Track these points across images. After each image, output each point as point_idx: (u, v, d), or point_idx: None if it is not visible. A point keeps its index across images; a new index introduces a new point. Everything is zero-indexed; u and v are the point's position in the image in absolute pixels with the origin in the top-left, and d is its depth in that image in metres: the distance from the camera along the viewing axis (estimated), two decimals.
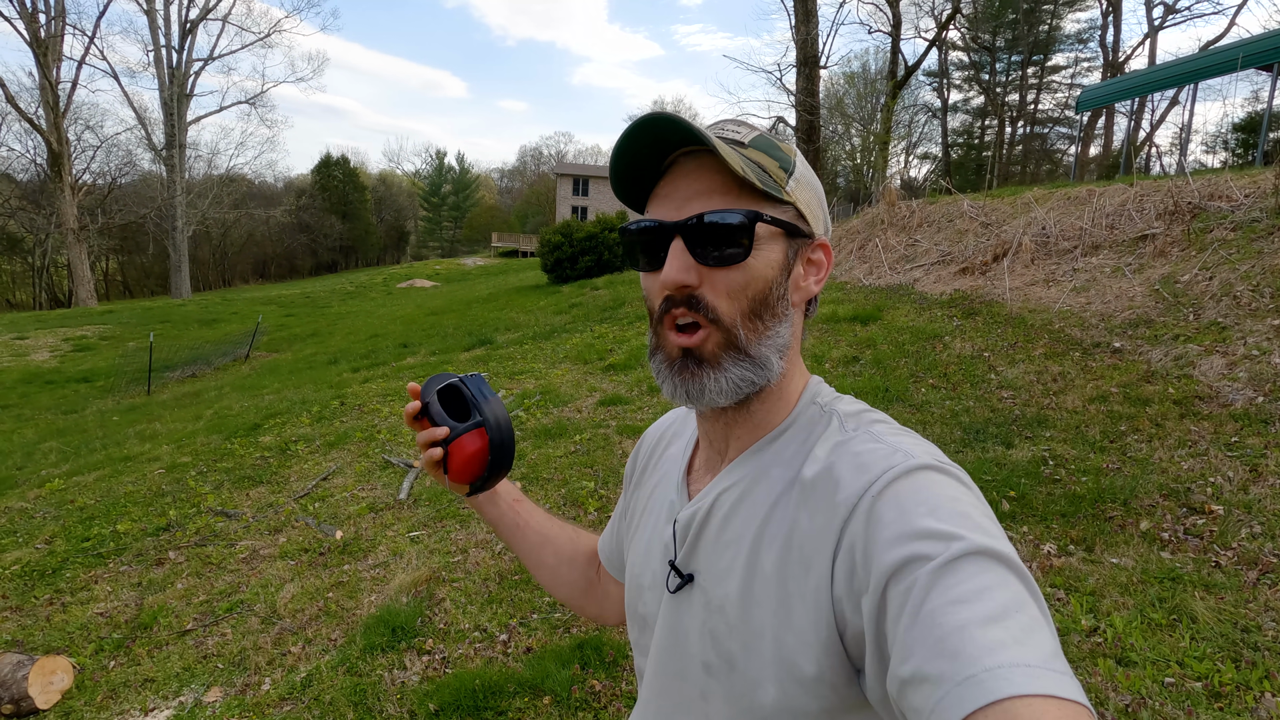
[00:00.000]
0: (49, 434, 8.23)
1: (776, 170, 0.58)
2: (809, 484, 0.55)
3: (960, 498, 0.48)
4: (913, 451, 0.52)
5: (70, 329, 17.25)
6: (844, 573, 0.49)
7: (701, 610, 0.60)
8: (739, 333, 0.57)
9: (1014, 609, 0.40)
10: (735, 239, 0.55)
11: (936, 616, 0.41)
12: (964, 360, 4.86)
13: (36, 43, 23.38)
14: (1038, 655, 0.38)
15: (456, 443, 0.71)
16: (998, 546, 0.44)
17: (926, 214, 9.82)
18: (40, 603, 3.50)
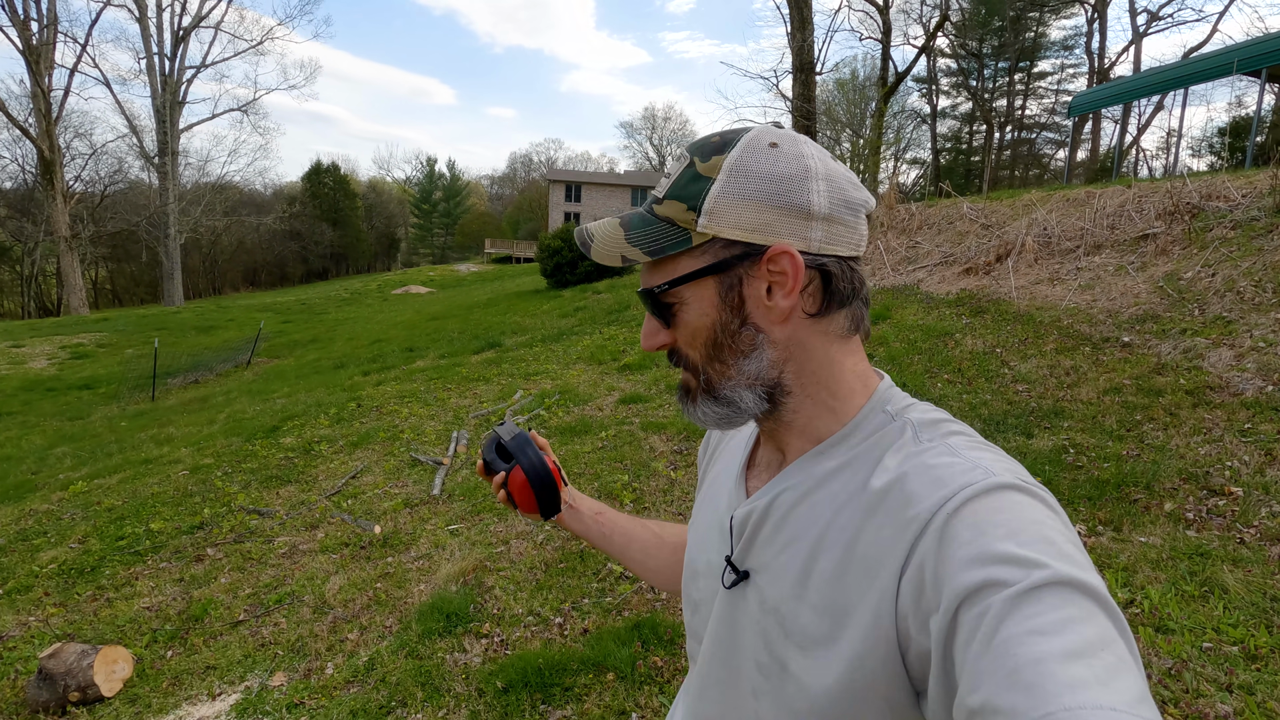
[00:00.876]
0: (58, 440, 8.22)
1: (683, 216, 0.58)
2: (877, 494, 0.53)
3: (1044, 521, 0.46)
4: (993, 469, 0.49)
5: (66, 337, 17.14)
6: (911, 590, 0.48)
7: (756, 609, 0.60)
8: (709, 375, 0.60)
9: (1099, 646, 0.38)
10: (657, 310, 0.61)
11: (1011, 646, 0.38)
12: (977, 356, 4.99)
13: (29, 50, 23.27)
14: (1124, 699, 0.35)
15: (509, 481, 0.85)
16: (1085, 578, 0.41)
17: (926, 217, 10.00)
18: (84, 599, 3.55)
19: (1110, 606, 0.41)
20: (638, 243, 0.60)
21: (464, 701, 2.30)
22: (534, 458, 0.84)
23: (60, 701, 2.59)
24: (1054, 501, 0.49)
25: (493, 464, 0.87)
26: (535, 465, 0.83)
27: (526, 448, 0.85)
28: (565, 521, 0.90)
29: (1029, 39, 31.32)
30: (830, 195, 0.56)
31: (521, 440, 0.85)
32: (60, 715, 2.58)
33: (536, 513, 0.86)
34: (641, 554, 0.91)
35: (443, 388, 6.80)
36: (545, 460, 0.84)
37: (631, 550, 0.91)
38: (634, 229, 0.60)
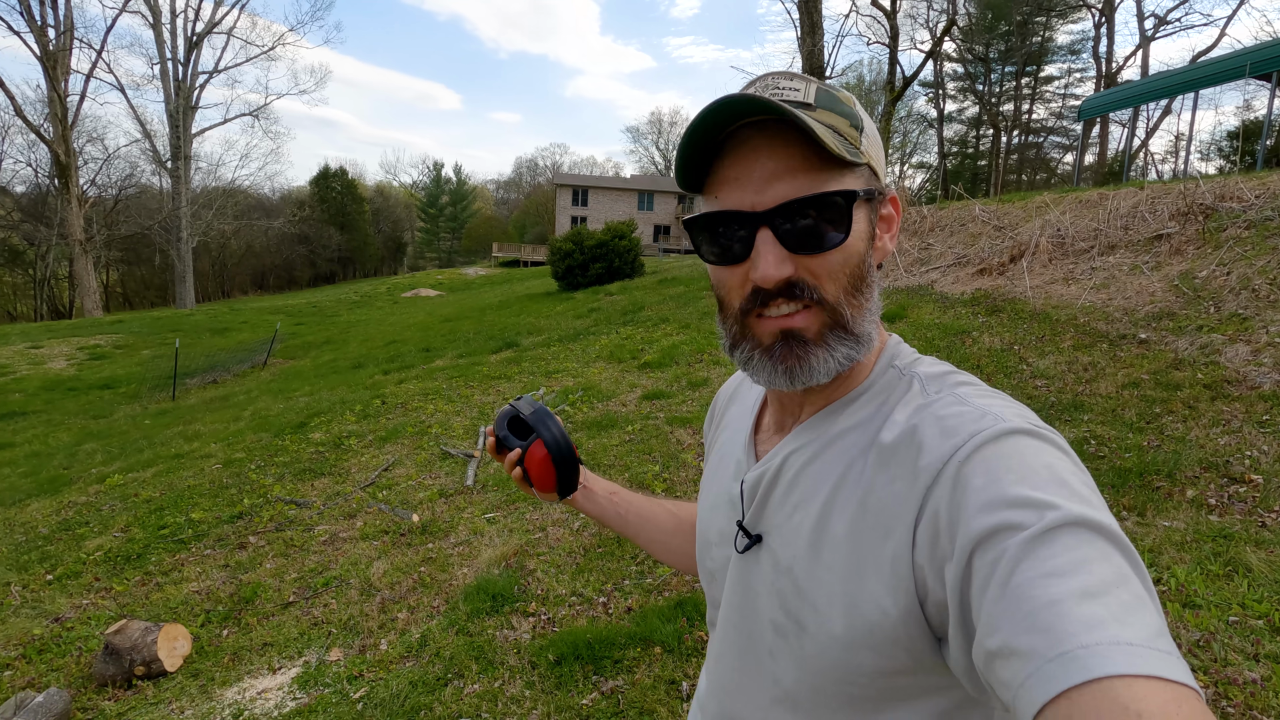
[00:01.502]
0: (84, 437, 8.36)
1: (849, 130, 0.54)
2: (888, 448, 0.52)
3: (1056, 464, 0.46)
4: (1003, 414, 0.49)
5: (83, 338, 17.35)
6: (926, 539, 0.47)
7: (770, 571, 0.59)
8: (844, 312, 0.54)
9: (1115, 584, 0.38)
10: (835, 224, 0.53)
11: (1027, 589, 0.39)
12: (995, 353, 5.08)
13: (46, 56, 23.58)
14: (1141, 634, 0.35)
15: (526, 459, 0.81)
16: (1098, 517, 0.41)
17: (938, 219, 10.10)
18: (133, 583, 3.67)
19: (1124, 544, 0.41)
20: (836, 131, 0.53)
21: (518, 673, 2.41)
22: (556, 430, 0.81)
23: (126, 675, 2.70)
24: (1065, 444, 0.48)
25: (506, 440, 0.83)
26: (558, 438, 0.80)
27: (548, 420, 0.81)
28: (579, 502, 0.88)
29: (1035, 43, 31.40)
30: None
31: (542, 413, 0.82)
32: (126, 688, 2.70)
33: (553, 491, 0.82)
34: (660, 534, 0.89)
35: (465, 385, 6.92)
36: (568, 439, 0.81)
37: (648, 530, 0.89)
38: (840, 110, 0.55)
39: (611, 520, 0.89)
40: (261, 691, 2.53)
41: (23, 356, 14.96)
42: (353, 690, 2.44)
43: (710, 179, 0.56)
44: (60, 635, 3.19)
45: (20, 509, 5.43)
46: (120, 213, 32.34)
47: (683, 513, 0.91)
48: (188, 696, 2.56)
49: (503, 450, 0.84)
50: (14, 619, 3.45)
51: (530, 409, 0.83)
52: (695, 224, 0.57)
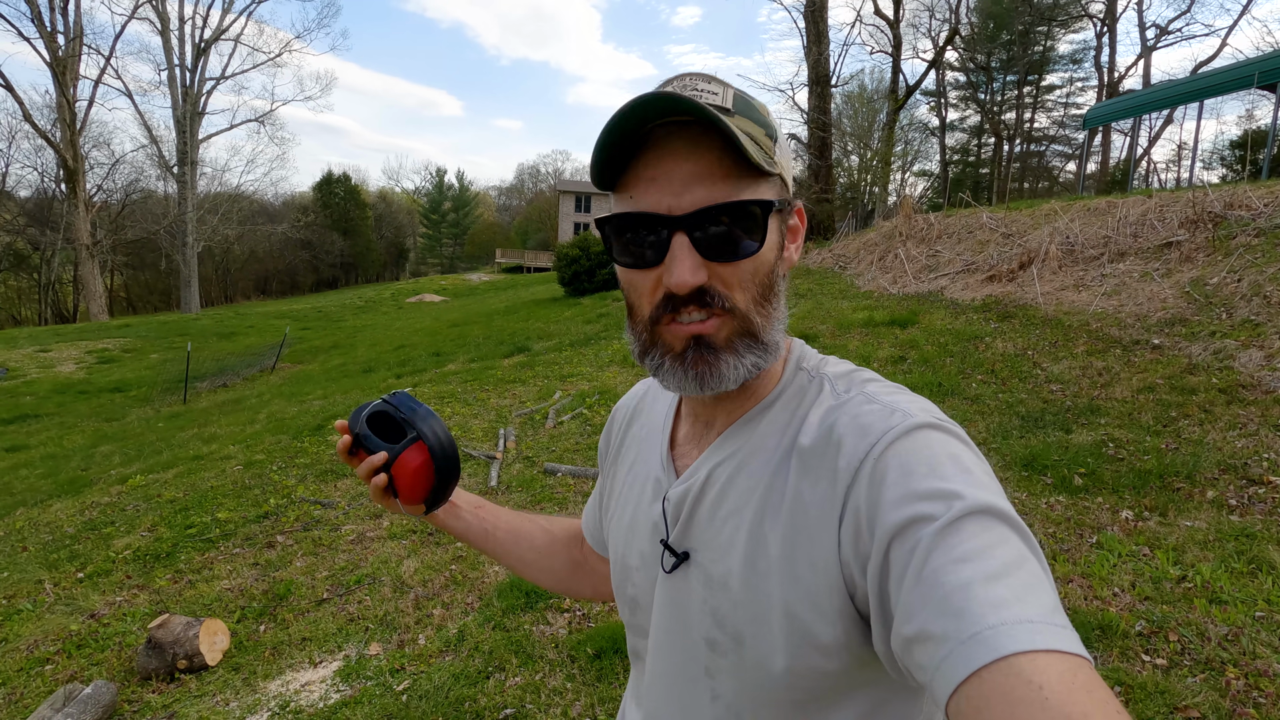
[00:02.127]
0: (98, 439, 8.42)
1: (765, 140, 0.54)
2: (807, 451, 0.54)
3: (960, 454, 0.48)
4: (910, 410, 0.51)
5: (91, 342, 17.42)
6: (850, 536, 0.49)
7: (701, 588, 0.58)
8: (754, 320, 0.55)
9: (1015, 566, 0.41)
10: (750, 233, 0.53)
11: (940, 575, 0.41)
12: (1008, 358, 5.15)
13: (55, 62, 23.76)
14: (1039, 610, 0.38)
15: (398, 464, 0.69)
16: (998, 504, 0.44)
17: (945, 226, 10.18)
18: (164, 581, 3.72)
19: (1021, 528, 0.44)
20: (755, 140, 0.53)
21: (558, 666, 2.46)
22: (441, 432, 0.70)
23: (169, 669, 2.75)
24: (965, 435, 0.51)
25: (367, 440, 0.70)
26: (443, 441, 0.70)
27: (431, 419, 0.71)
28: (440, 518, 0.80)
29: (1037, 53, 31.60)
30: None
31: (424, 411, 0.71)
32: (169, 681, 2.75)
33: (421, 503, 0.72)
34: (532, 554, 0.85)
35: (479, 389, 6.98)
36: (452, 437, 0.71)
37: (519, 549, 0.85)
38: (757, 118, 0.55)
39: (476, 538, 0.82)
40: (305, 684, 2.58)
41: (32, 360, 15.03)
42: (395, 683, 2.49)
43: (625, 176, 0.53)
44: (97, 631, 3.24)
45: (43, 509, 5.49)
46: (126, 217, 32.49)
47: (556, 529, 0.87)
48: (231, 689, 2.61)
49: (357, 452, 0.72)
50: (49, 615, 3.50)
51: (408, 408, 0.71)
52: (608, 223, 0.55)
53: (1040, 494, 3.25)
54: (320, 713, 2.38)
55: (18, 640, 3.28)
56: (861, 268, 10.60)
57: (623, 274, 0.57)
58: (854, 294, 8.80)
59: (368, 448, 0.70)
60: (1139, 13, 28.32)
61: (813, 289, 9.78)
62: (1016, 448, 3.69)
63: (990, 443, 3.86)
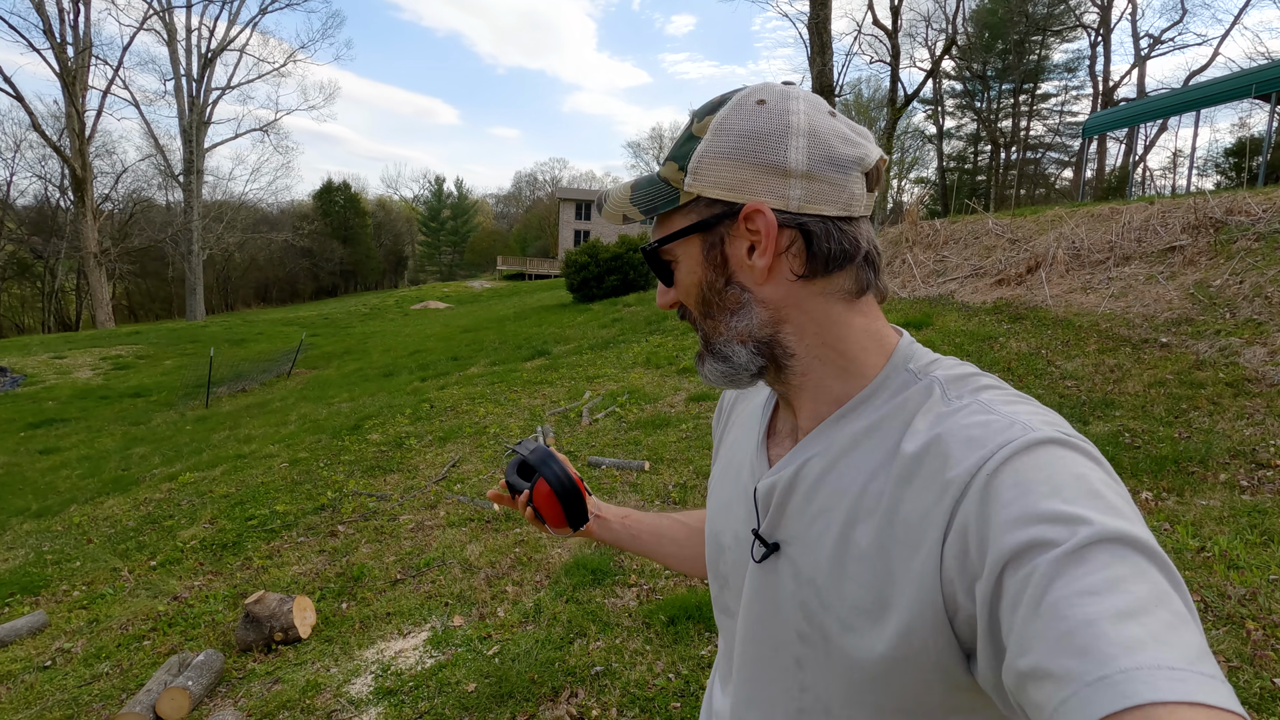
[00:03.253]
0: (129, 442, 8.62)
1: (675, 175, 0.60)
2: (912, 459, 0.52)
3: (1088, 475, 0.44)
4: (1031, 423, 0.48)
5: (103, 349, 17.60)
6: (955, 555, 0.47)
7: (791, 581, 0.59)
8: (705, 331, 0.62)
9: (1153, 603, 0.37)
10: (656, 268, 0.63)
11: (1061, 608, 0.38)
12: (1023, 356, 5.41)
13: (65, 72, 24.01)
14: (1182, 657, 0.35)
15: (534, 497, 0.84)
16: (1134, 531, 0.41)
17: (951, 232, 10.47)
18: (236, 568, 3.94)
19: (1162, 559, 0.40)
20: (637, 202, 0.62)
21: (634, 632, 2.69)
22: (557, 469, 0.85)
23: (266, 640, 2.98)
24: (1097, 453, 0.48)
25: (515, 484, 0.87)
26: (559, 476, 0.84)
27: (549, 460, 0.85)
28: (594, 531, 0.90)
29: (1032, 62, 32.12)
30: (811, 152, 0.55)
31: (543, 453, 0.86)
32: (267, 652, 2.97)
33: (565, 525, 0.86)
34: (675, 547, 0.91)
35: (508, 390, 7.22)
36: (569, 471, 0.85)
37: (664, 546, 0.91)
38: (639, 189, 0.63)
39: (627, 543, 0.91)
40: (399, 651, 2.80)
41: (49, 366, 15.21)
42: (485, 648, 2.71)
43: None
44: (184, 611, 3.46)
45: (95, 506, 5.69)
46: (132, 225, 32.70)
47: (693, 521, 0.93)
48: (330, 657, 2.83)
49: (514, 495, 0.88)
50: (133, 599, 3.72)
51: (531, 451, 0.87)
52: None
53: None
54: (421, 674, 2.61)
55: (109, 620, 3.49)
56: None
57: None
58: None
59: (516, 490, 0.87)
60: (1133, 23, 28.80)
61: None
62: None
63: None
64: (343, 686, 2.60)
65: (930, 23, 31.59)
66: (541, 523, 0.86)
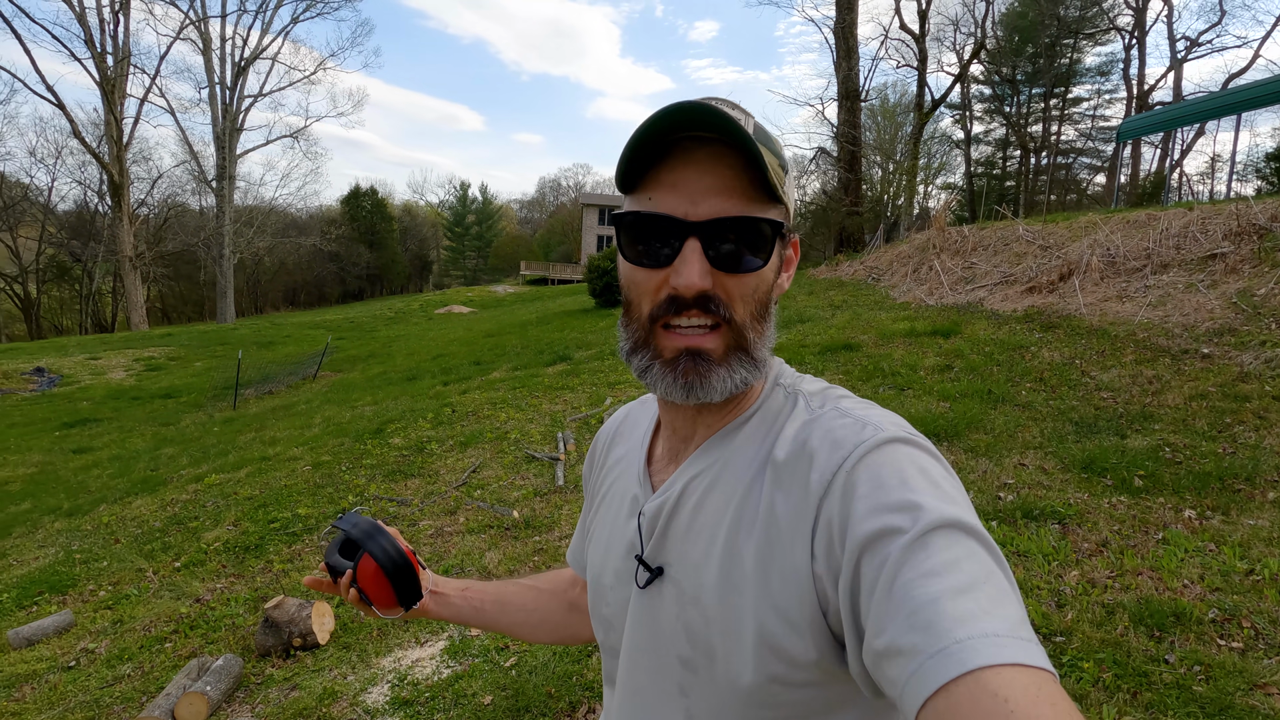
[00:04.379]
0: (159, 443, 8.77)
1: (778, 169, 0.56)
2: (782, 465, 0.55)
3: (929, 468, 0.50)
4: (881, 424, 0.53)
5: (136, 350, 18.00)
6: (823, 549, 0.50)
7: (674, 604, 0.59)
8: (748, 335, 0.57)
9: (982, 580, 0.42)
10: (759, 249, 0.55)
11: (909, 589, 0.42)
12: (1056, 367, 5.25)
13: (104, 81, 24.70)
14: (1005, 625, 0.39)
15: (359, 577, 0.75)
16: (965, 518, 0.45)
17: (979, 239, 10.27)
18: (257, 570, 3.96)
19: (988, 541, 0.46)
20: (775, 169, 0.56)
21: None
22: (385, 543, 0.76)
23: (285, 646, 2.97)
24: (934, 449, 0.53)
25: (336, 565, 0.77)
26: (387, 550, 0.75)
27: (376, 534, 0.76)
28: (429, 609, 0.82)
29: (1063, 65, 31.54)
30: None
31: (369, 526, 0.77)
32: (285, 657, 2.97)
33: (396, 605, 0.77)
34: (522, 615, 0.87)
35: (530, 395, 7.21)
36: (399, 544, 0.77)
37: (509, 615, 0.87)
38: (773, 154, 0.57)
39: (470, 617, 0.85)
40: (415, 660, 2.77)
41: (84, 367, 15.59)
42: (502, 660, 2.68)
43: (647, 179, 0.56)
44: (205, 613, 3.47)
45: (124, 505, 5.78)
46: (166, 230, 33.51)
47: (544, 584, 0.89)
48: (347, 664, 2.81)
49: (335, 579, 0.78)
50: (157, 600, 3.75)
51: (354, 525, 0.77)
52: (623, 220, 0.57)
53: (1101, 494, 3.36)
54: (437, 684, 2.58)
55: (133, 621, 3.52)
56: (895, 279, 10.71)
57: (628, 271, 0.58)
58: (891, 305, 8.92)
59: (339, 571, 0.77)
60: (1169, 25, 28.17)
61: (848, 300, 9.91)
62: (1074, 451, 3.81)
63: (1045, 446, 3.98)
64: (359, 695, 2.58)
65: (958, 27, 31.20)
66: (368, 605, 0.77)
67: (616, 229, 0.58)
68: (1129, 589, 2.58)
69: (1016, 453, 3.94)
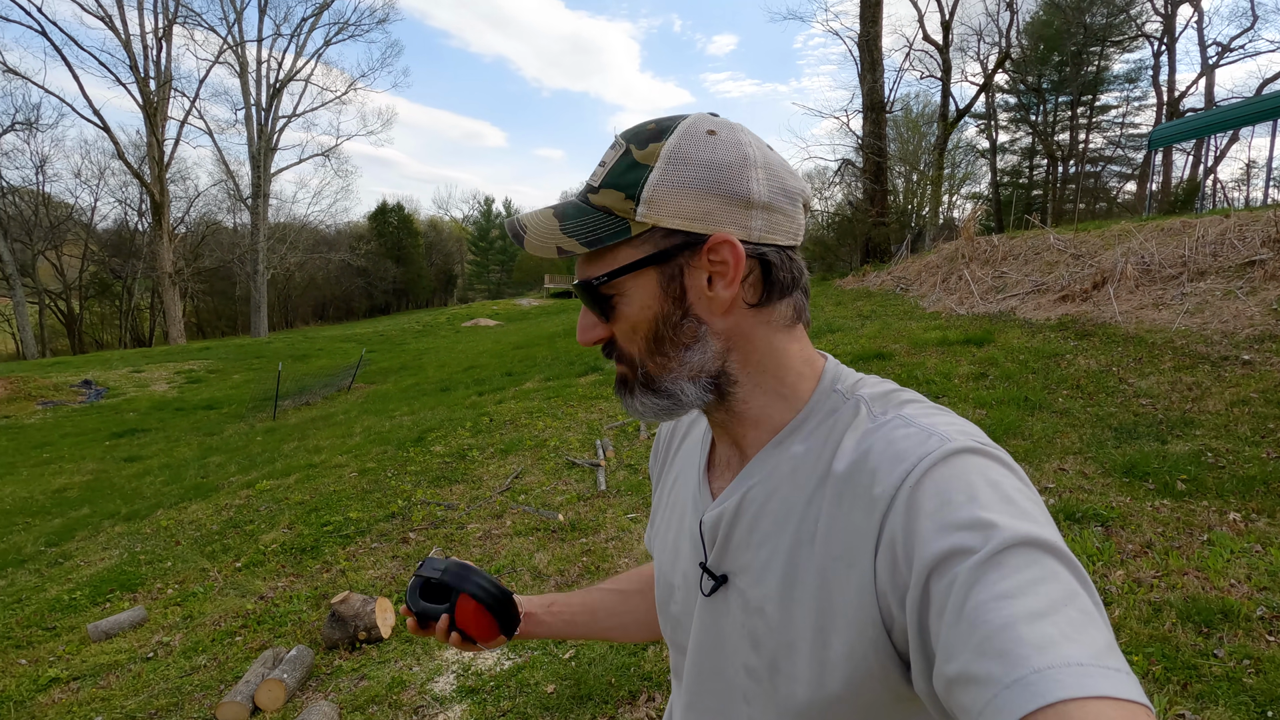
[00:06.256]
0: (205, 451, 9.06)
1: (621, 204, 0.56)
2: (842, 478, 0.53)
3: (1002, 481, 0.47)
4: (949, 434, 0.51)
5: (177, 364, 18.55)
6: (886, 567, 0.48)
7: (739, 612, 0.59)
8: (648, 368, 0.58)
9: (1063, 603, 0.40)
10: (595, 302, 0.59)
11: (981, 613, 0.40)
12: (1093, 374, 5.27)
13: (147, 105, 25.63)
14: (1089, 653, 0.37)
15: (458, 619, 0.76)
16: (1044, 535, 0.43)
17: (1010, 248, 10.26)
18: (315, 570, 4.12)
19: (1070, 560, 0.43)
20: (574, 233, 0.57)
21: None
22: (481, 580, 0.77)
23: (351, 639, 3.12)
24: (1010, 460, 0.50)
25: (428, 611, 0.77)
26: (485, 587, 0.77)
27: (468, 574, 0.78)
28: (528, 631, 0.84)
29: (1090, 73, 31.26)
30: (769, 183, 0.57)
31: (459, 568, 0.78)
32: (351, 650, 3.11)
33: (499, 635, 0.79)
34: (610, 618, 0.88)
35: (565, 404, 7.35)
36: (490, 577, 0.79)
37: (599, 622, 0.88)
38: (569, 219, 0.58)
39: (563, 630, 0.87)
40: (476, 654, 2.90)
41: (128, 380, 16.11)
42: (561, 652, 2.79)
43: None
44: (270, 610, 3.64)
45: (180, 510, 6.02)
46: (203, 247, 34.53)
47: (623, 584, 0.90)
48: (411, 656, 2.95)
49: (427, 625, 0.78)
50: (222, 597, 3.93)
51: (441, 570, 0.78)
52: None
53: (1144, 498, 3.40)
54: (500, 675, 2.70)
55: (202, 617, 3.70)
56: (925, 289, 10.72)
57: None
58: (921, 315, 8.95)
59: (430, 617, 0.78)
60: (1199, 31, 27.80)
61: (877, 310, 9.94)
62: (1114, 456, 3.84)
63: (1085, 452, 4.01)
64: (426, 684, 2.71)
65: (982, 37, 31.10)
66: (471, 642, 0.78)
67: None
68: (1175, 588, 2.62)
69: (1056, 458, 3.97)
